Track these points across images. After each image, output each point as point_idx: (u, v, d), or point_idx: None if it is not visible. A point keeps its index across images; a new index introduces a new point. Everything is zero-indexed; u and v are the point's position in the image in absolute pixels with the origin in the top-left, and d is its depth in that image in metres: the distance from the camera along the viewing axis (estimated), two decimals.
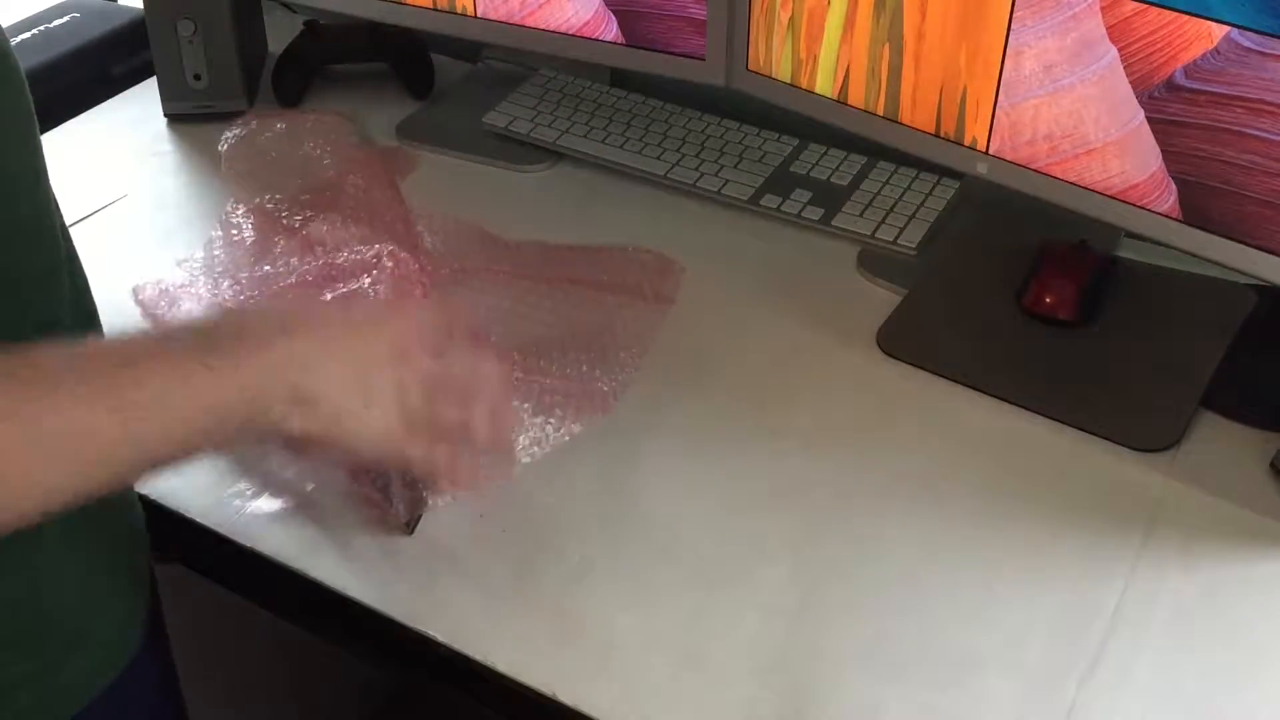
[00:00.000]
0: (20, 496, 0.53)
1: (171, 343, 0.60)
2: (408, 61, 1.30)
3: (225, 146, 1.15)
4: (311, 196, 1.07)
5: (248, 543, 0.81)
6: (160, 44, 1.19)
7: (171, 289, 0.97)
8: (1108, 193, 0.89)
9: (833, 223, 1.07)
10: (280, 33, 1.31)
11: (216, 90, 1.22)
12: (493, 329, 0.92)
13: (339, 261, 0.90)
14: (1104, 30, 0.85)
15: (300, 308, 0.74)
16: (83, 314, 0.71)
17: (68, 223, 0.70)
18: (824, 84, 1.01)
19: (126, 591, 0.74)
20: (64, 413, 0.54)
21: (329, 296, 0.88)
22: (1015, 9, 0.88)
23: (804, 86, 1.02)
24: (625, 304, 0.96)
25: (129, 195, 1.14)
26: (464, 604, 0.76)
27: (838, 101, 1.02)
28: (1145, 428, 0.86)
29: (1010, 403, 0.89)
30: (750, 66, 1.06)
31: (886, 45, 0.96)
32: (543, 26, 1.15)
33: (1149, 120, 0.85)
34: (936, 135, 0.97)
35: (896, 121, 0.98)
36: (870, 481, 0.84)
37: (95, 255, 0.84)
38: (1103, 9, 0.84)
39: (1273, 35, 0.78)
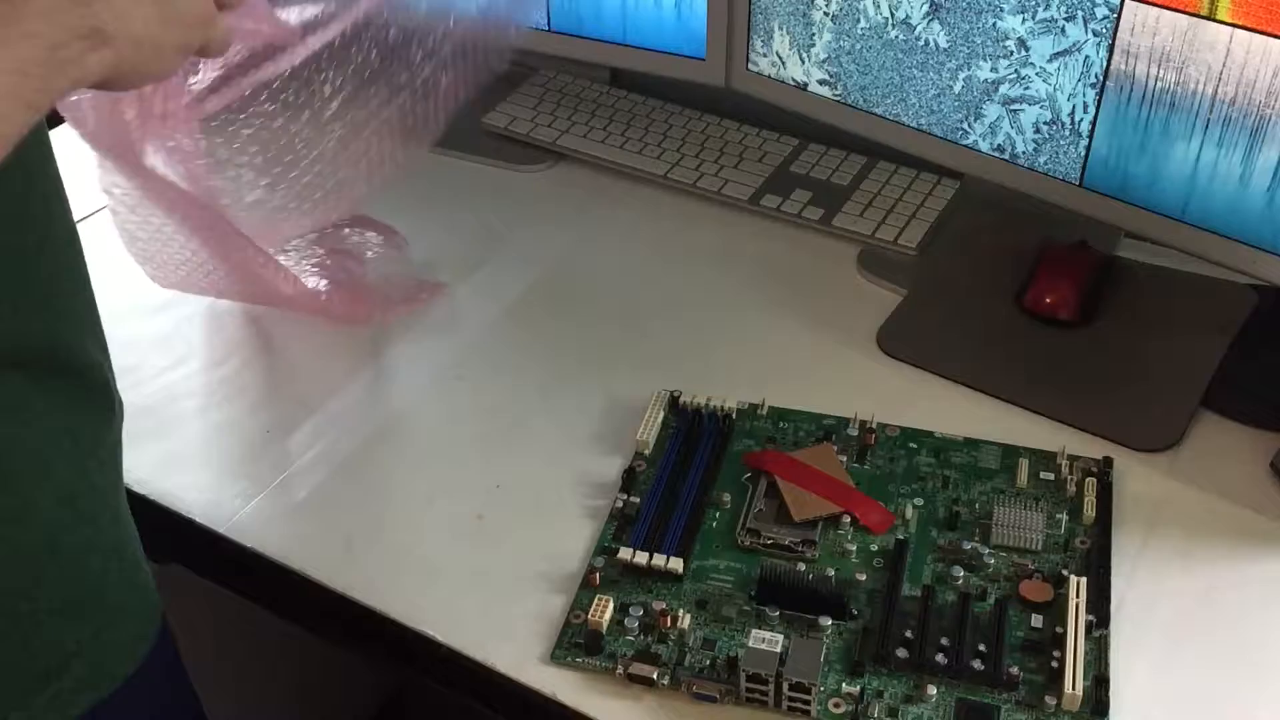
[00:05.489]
0: None
1: None
2: None
3: None
4: None
5: (248, 543, 0.81)
6: None
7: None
8: None
9: (833, 223, 1.07)
10: None
11: None
12: None
13: None
14: None
15: None
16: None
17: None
18: None
19: (149, 570, 0.74)
20: None
21: None
22: None
23: None
24: None
25: None
26: (464, 604, 0.76)
27: (837, 101, 1.02)
28: (1145, 428, 0.86)
29: (1010, 403, 0.89)
30: None
31: None
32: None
33: None
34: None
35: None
36: None
37: (95, 255, 0.84)
38: None
39: None
